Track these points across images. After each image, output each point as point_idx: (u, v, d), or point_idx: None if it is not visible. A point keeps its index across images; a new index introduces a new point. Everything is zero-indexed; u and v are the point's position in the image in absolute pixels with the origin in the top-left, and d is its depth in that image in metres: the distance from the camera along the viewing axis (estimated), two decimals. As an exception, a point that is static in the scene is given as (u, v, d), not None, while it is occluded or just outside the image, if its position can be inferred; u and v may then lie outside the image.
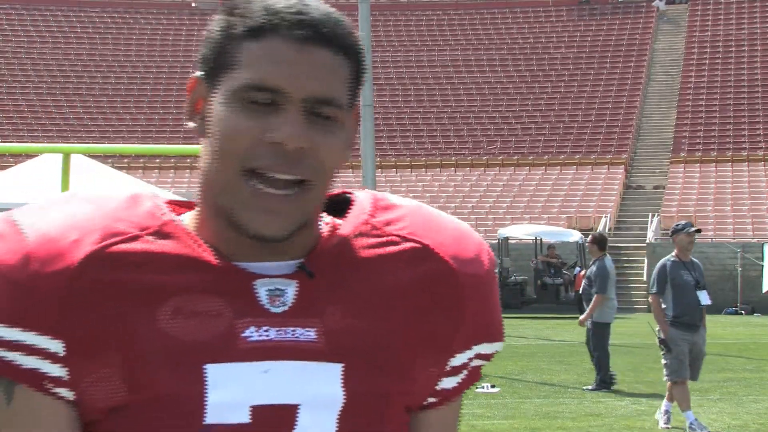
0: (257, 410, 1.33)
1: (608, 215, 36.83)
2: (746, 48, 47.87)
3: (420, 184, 40.95)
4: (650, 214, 36.74)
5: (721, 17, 50.02)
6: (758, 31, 48.60)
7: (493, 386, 13.05)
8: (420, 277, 1.41)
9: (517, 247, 32.51)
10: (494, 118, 45.42)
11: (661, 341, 10.13)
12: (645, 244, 34.50)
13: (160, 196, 1.44)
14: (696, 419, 10.08)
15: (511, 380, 13.97)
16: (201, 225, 1.39)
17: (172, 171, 41.81)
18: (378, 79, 44.18)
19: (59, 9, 51.90)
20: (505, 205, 38.61)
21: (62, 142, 33.94)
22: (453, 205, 38.61)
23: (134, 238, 1.35)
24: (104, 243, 1.34)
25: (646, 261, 33.77)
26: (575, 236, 30.95)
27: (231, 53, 1.35)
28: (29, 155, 26.43)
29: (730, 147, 41.83)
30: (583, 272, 29.73)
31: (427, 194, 39.79)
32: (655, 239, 34.84)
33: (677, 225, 10.49)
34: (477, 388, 12.94)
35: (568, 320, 27.95)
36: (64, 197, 1.41)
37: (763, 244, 31.14)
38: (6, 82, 47.33)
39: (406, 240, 1.42)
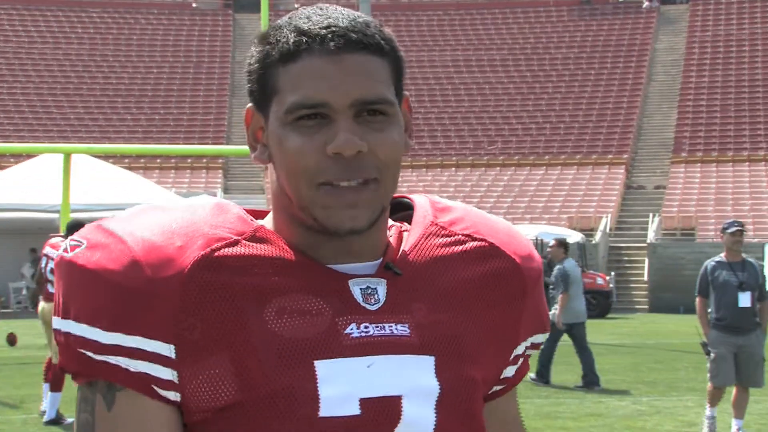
0: (366, 403, 1.39)
1: (609, 215, 36.83)
2: (747, 48, 47.85)
3: (421, 184, 40.94)
4: (651, 214, 36.73)
5: (722, 17, 50.00)
6: (759, 30, 48.58)
7: (493, 386, 13.04)
8: (490, 272, 1.51)
9: (517, 247, 32.49)
10: (495, 118, 45.42)
11: (702, 344, 9.86)
12: (646, 245, 34.50)
13: (237, 205, 1.50)
14: (714, 418, 9.90)
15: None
16: (282, 233, 1.45)
17: (172, 171, 41.82)
18: (379, 79, 44.11)
19: (60, 9, 51.90)
20: (506, 205, 38.61)
21: (63, 143, 33.94)
22: (454, 205, 38.60)
23: (235, 243, 1.41)
24: (210, 248, 1.40)
25: (647, 261, 33.77)
26: (576, 237, 30.95)
27: (272, 80, 1.41)
28: (30, 155, 26.45)
29: (731, 147, 41.82)
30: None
31: (429, 194, 39.75)
32: (656, 239, 34.83)
33: (724, 224, 10.14)
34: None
35: (569, 320, 27.94)
36: (152, 207, 1.46)
37: (764, 244, 31.11)
38: (7, 82, 47.33)
39: (473, 239, 1.52)
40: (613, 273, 33.14)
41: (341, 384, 1.39)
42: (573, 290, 13.69)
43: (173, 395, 1.38)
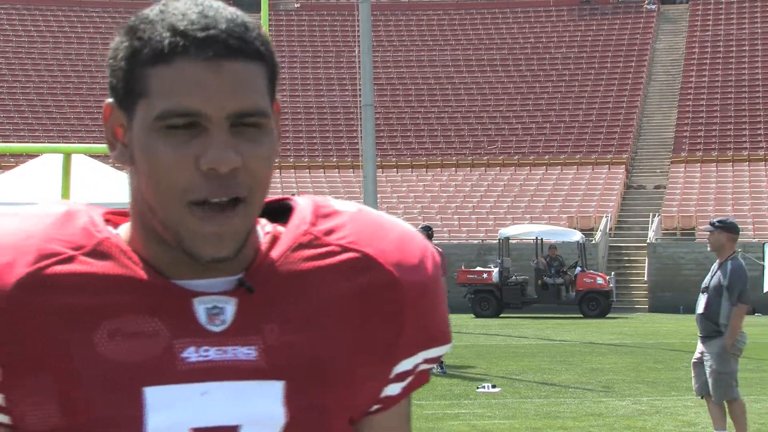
0: None
1: (609, 215, 36.84)
2: (747, 47, 47.86)
3: (421, 184, 40.94)
4: (651, 213, 36.74)
5: (722, 17, 50.01)
6: (759, 30, 48.59)
7: (493, 386, 13.05)
8: (360, 287, 1.38)
9: (517, 247, 32.53)
10: (495, 118, 45.42)
11: None
12: (646, 244, 34.51)
13: (96, 208, 1.40)
14: None
15: (511, 380, 13.97)
16: (136, 241, 1.36)
17: (172, 171, 41.84)
18: (378, 79, 44.18)
19: (59, 9, 51.90)
20: (506, 205, 38.60)
21: (63, 142, 33.94)
22: (454, 205, 38.61)
23: (69, 259, 1.32)
24: (39, 265, 1.31)
25: (647, 261, 33.78)
26: (576, 236, 30.96)
27: (141, 80, 1.31)
28: (30, 155, 26.45)
29: (731, 147, 41.82)
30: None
31: (428, 194, 39.77)
32: (656, 239, 34.84)
33: None
34: (478, 388, 12.96)
35: (569, 320, 27.94)
36: None
37: (763, 243, 31.14)
38: (6, 81, 47.33)
39: (346, 250, 1.39)
40: (613, 273, 33.15)
41: (172, 413, 1.30)
42: None
43: (3, 418, 1.33)
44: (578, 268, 30.06)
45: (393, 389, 1.44)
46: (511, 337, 21.56)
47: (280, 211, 1.46)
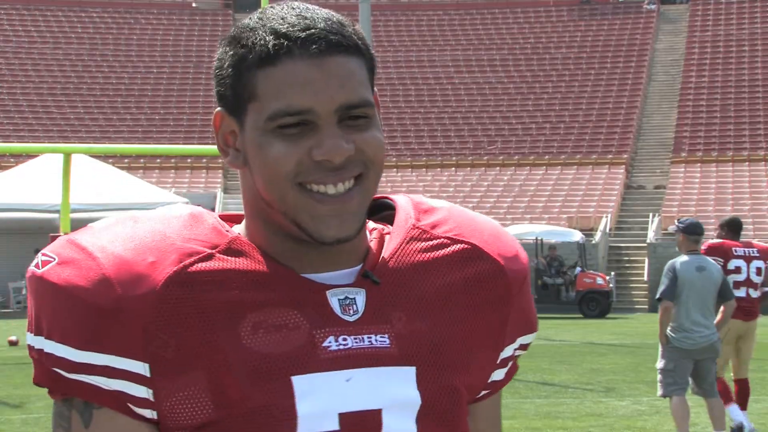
0: (345, 417, 1.37)
1: (609, 215, 36.83)
2: (747, 48, 47.85)
3: (421, 184, 40.94)
4: (651, 214, 36.73)
5: (722, 17, 50.00)
6: (759, 30, 48.58)
7: (493, 386, 13.05)
8: (472, 276, 1.47)
9: (517, 247, 32.49)
10: (495, 118, 45.41)
11: None
12: (646, 244, 34.50)
13: (212, 212, 1.46)
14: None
15: (511, 380, 13.96)
16: (259, 240, 1.41)
17: (172, 171, 41.80)
18: (378, 79, 44.14)
19: (59, 9, 51.88)
20: (506, 205, 38.61)
21: (63, 143, 33.94)
22: (454, 205, 38.61)
23: (209, 257, 1.37)
24: (183, 264, 1.36)
25: (646, 261, 33.77)
26: (576, 236, 30.95)
27: (249, 85, 1.36)
28: (30, 155, 26.47)
29: (731, 147, 41.82)
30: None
31: (428, 194, 39.74)
32: (656, 239, 34.83)
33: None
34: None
35: (569, 320, 27.94)
36: (125, 218, 1.42)
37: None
38: (6, 82, 47.31)
39: (455, 242, 1.48)
40: (613, 273, 33.14)
41: (319, 399, 1.36)
42: None
43: (150, 413, 1.36)
44: (578, 268, 30.05)
45: (499, 374, 1.54)
46: (511, 337, 21.53)
47: (373, 211, 1.54)
